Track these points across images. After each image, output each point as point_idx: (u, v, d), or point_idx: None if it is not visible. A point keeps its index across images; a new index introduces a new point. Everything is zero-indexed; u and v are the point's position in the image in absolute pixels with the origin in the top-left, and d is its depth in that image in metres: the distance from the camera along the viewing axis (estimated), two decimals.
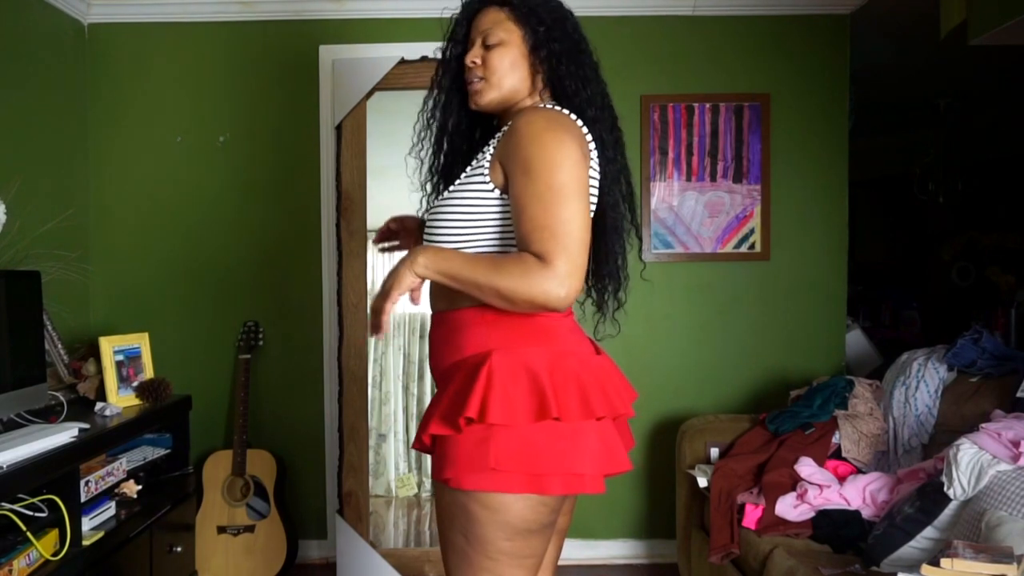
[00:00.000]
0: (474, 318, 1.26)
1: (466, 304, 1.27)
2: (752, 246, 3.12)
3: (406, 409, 3.86)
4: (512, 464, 1.16)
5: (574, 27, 1.37)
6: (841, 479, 2.36)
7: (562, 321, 1.30)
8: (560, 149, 1.20)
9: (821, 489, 2.27)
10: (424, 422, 1.27)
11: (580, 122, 1.30)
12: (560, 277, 1.15)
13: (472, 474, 1.18)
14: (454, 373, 1.26)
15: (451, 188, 1.33)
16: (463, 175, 1.33)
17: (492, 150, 1.29)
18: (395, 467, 3.85)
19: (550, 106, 1.31)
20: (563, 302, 1.16)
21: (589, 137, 1.30)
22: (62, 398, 2.28)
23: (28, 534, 1.78)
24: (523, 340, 1.24)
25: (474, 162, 1.33)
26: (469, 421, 1.18)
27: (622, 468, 1.25)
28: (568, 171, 1.20)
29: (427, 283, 1.29)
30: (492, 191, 1.27)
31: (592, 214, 1.32)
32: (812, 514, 2.22)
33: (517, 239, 1.22)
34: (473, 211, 1.28)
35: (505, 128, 1.29)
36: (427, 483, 3.76)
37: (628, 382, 1.40)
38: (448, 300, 1.31)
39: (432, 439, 1.27)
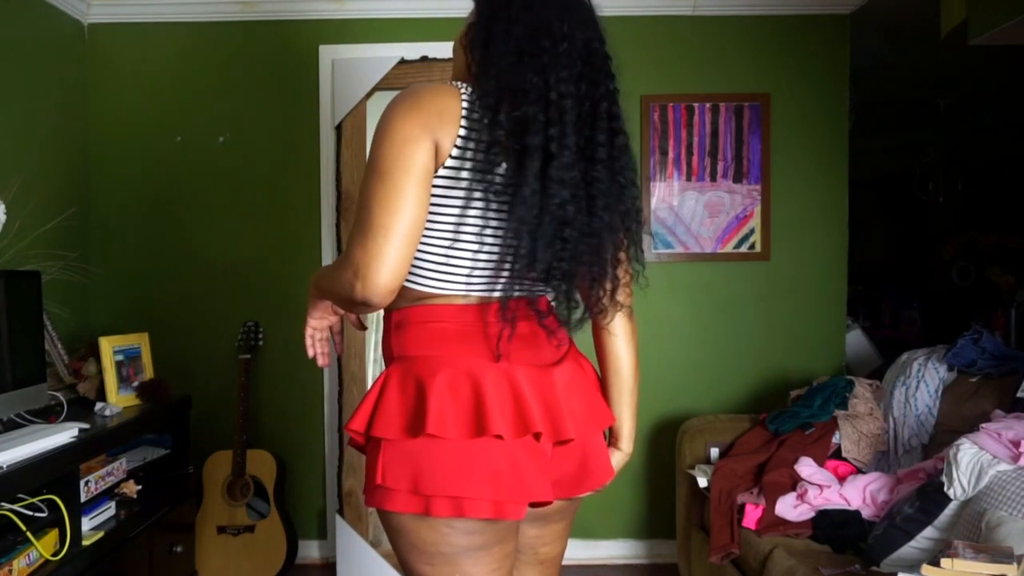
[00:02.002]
0: (396, 321, 1.17)
1: (398, 305, 1.17)
2: (752, 246, 3.12)
3: None
4: (396, 482, 1.07)
5: (541, 5, 1.13)
6: (841, 479, 2.36)
7: (489, 327, 1.14)
8: (389, 124, 1.06)
9: (821, 489, 2.27)
10: None
11: (465, 95, 1.10)
12: (354, 266, 1.03)
13: (369, 491, 1.11)
14: None
15: None
16: None
17: None
18: None
19: (444, 82, 1.13)
20: (366, 295, 1.03)
21: (466, 113, 1.08)
22: (62, 398, 2.28)
23: (28, 534, 1.79)
24: (425, 347, 1.13)
25: None
26: (359, 434, 1.13)
27: (534, 497, 1.10)
28: (388, 148, 1.04)
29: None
30: None
31: (484, 200, 1.10)
32: (812, 514, 2.22)
33: None
34: None
35: None
36: None
37: (599, 404, 1.28)
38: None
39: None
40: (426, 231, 1.10)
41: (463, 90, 1.11)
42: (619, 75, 1.21)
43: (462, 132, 1.08)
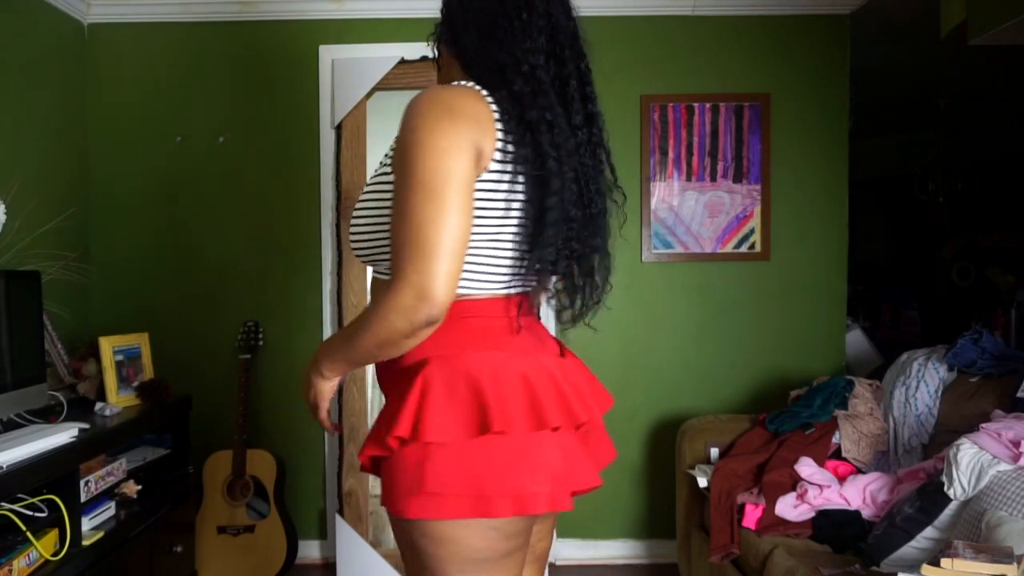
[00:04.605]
0: None
1: None
2: (752, 246, 3.12)
3: None
4: (453, 486, 1.02)
5: None
6: (841, 479, 2.36)
7: (508, 322, 1.15)
8: (430, 135, 1.00)
9: (821, 489, 2.27)
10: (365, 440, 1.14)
11: (484, 93, 1.08)
12: (415, 289, 0.98)
13: (412, 500, 1.04)
14: (394, 383, 1.14)
15: (367, 183, 1.16)
16: (378, 166, 1.14)
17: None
18: None
19: (458, 83, 1.10)
20: (431, 313, 0.99)
21: (497, 115, 1.07)
22: (62, 398, 2.28)
23: (28, 534, 1.79)
24: (464, 344, 1.09)
25: (389, 151, 1.14)
26: (402, 441, 1.06)
27: (586, 484, 1.09)
28: (430, 160, 0.99)
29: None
30: (393, 185, 1.08)
31: (515, 205, 1.09)
32: (812, 514, 2.22)
33: None
34: (379, 210, 1.11)
35: None
36: None
37: (601, 387, 1.28)
38: None
39: (372, 460, 1.15)
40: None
41: (479, 89, 1.08)
42: (592, 58, 1.19)
43: (499, 135, 1.06)
